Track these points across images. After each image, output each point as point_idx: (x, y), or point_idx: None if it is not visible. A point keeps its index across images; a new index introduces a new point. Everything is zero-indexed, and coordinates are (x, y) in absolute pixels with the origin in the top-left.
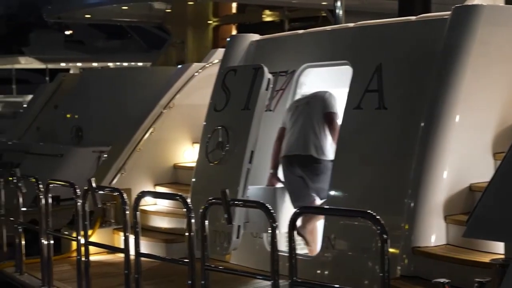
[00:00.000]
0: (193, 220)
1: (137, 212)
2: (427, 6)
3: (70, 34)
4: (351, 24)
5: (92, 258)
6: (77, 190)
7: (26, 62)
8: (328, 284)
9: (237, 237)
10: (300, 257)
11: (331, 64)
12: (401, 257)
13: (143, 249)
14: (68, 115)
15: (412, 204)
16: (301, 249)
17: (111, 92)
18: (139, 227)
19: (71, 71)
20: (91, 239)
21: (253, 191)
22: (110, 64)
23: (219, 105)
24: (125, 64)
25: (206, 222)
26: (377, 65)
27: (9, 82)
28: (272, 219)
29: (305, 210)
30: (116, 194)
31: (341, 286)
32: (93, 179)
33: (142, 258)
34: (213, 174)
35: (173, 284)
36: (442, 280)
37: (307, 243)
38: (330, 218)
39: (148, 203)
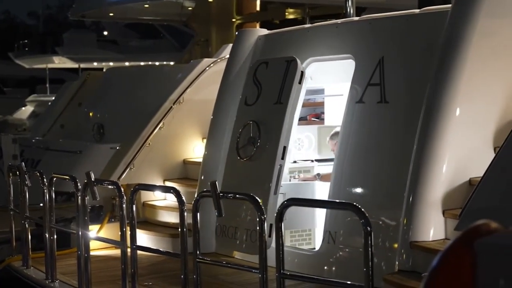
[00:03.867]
0: (185, 213)
1: (133, 206)
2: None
3: (103, 34)
4: (356, 18)
5: (99, 252)
6: (78, 184)
7: (60, 62)
8: (316, 277)
9: (269, 236)
10: (303, 252)
11: (335, 58)
12: (399, 251)
13: (150, 244)
14: (91, 113)
15: (410, 198)
16: (306, 244)
17: (132, 90)
18: (135, 220)
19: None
20: (100, 234)
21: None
22: (142, 64)
23: (250, 99)
24: (157, 63)
25: (198, 215)
26: (379, 58)
27: (44, 82)
28: (260, 212)
29: (293, 203)
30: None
31: (328, 279)
32: (91, 173)
33: (149, 254)
34: (244, 170)
35: (176, 278)
36: None
37: None
38: (331, 212)
39: (158, 198)
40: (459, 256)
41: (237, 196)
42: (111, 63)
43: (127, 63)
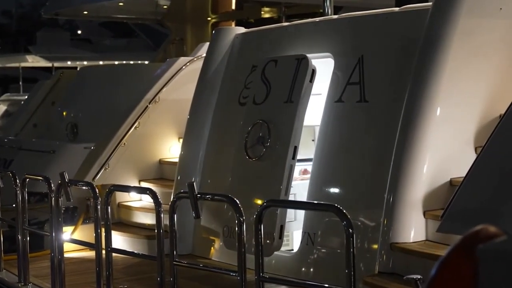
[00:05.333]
0: (162, 215)
1: (108, 207)
2: None
3: (77, 32)
4: (335, 16)
5: (73, 254)
6: (52, 185)
7: (33, 61)
8: (297, 280)
9: (280, 238)
10: (281, 254)
11: (314, 57)
12: (380, 253)
13: (125, 245)
14: (65, 112)
15: (391, 199)
16: (284, 245)
17: (106, 89)
18: (110, 222)
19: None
20: (75, 235)
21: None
22: (116, 63)
23: (259, 97)
24: (131, 62)
25: (175, 217)
26: (359, 57)
27: (17, 81)
28: (239, 214)
29: (272, 204)
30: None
31: (309, 282)
32: (65, 173)
33: (124, 256)
34: (253, 170)
35: (152, 280)
36: (414, 276)
37: None
38: (310, 213)
39: (133, 199)
40: (460, 263)
41: (216, 197)
42: (85, 62)
43: (101, 62)
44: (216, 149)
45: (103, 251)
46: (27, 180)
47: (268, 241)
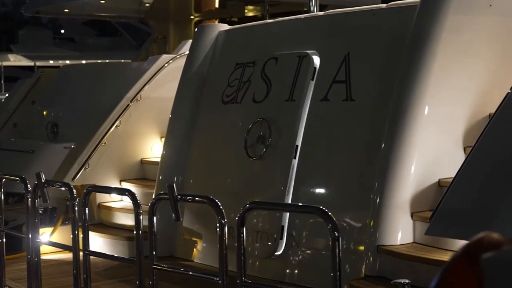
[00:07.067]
0: (141, 216)
1: (86, 209)
2: None
3: (61, 31)
4: (321, 13)
5: (52, 256)
6: (28, 186)
7: (15, 60)
8: (280, 286)
9: (281, 238)
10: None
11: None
12: (366, 255)
13: (105, 247)
14: (45, 111)
15: (378, 200)
16: None
17: (87, 88)
18: (88, 224)
19: None
20: (53, 237)
21: None
22: (99, 61)
23: (259, 96)
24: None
25: (155, 219)
26: (345, 54)
27: None
28: (220, 215)
29: (255, 206)
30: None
31: (292, 284)
32: (42, 173)
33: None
34: (254, 170)
35: (132, 283)
36: (402, 280)
37: None
38: (294, 215)
39: (114, 200)
40: (463, 274)
41: (196, 199)
42: (67, 61)
43: (83, 61)
44: (199, 148)
45: (81, 253)
46: (3, 180)
47: (269, 243)
